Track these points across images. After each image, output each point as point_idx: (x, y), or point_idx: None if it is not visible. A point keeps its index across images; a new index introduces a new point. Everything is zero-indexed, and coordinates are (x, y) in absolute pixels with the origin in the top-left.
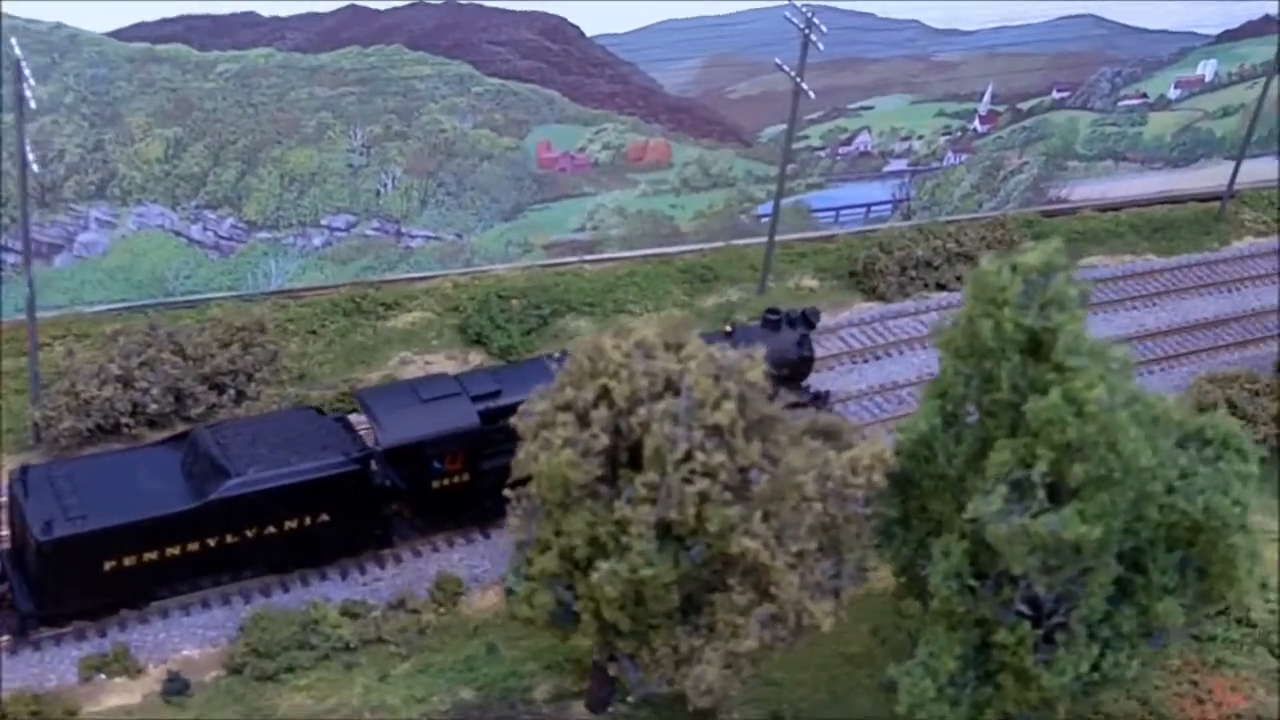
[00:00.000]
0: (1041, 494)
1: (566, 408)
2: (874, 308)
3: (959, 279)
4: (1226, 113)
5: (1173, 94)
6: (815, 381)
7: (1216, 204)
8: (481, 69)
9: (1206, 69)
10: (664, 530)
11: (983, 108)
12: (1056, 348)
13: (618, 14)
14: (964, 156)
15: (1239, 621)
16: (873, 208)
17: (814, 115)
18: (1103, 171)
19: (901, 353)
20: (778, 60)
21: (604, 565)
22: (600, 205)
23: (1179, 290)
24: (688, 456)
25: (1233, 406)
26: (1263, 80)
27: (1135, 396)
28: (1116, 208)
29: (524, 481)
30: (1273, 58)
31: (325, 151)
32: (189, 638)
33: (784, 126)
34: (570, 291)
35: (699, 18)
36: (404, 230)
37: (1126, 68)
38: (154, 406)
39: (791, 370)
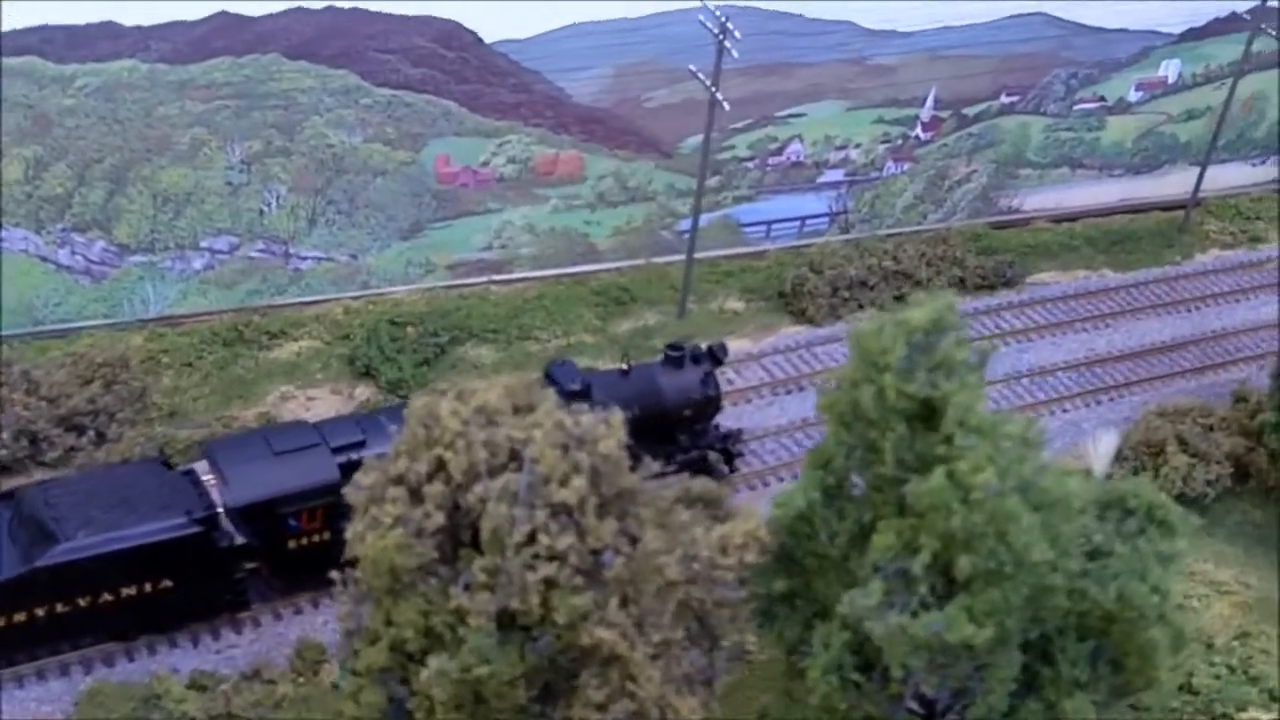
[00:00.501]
0: (924, 588)
1: (399, 481)
2: (802, 332)
3: (898, 299)
4: (1192, 116)
5: (1133, 96)
6: (732, 415)
7: (1180, 213)
8: (369, 79)
9: (1169, 70)
10: (508, 620)
11: (925, 114)
12: (945, 421)
13: (518, 19)
14: (906, 166)
15: (1180, 688)
16: (807, 221)
17: (740, 124)
18: (1058, 179)
19: (803, 389)
20: (692, 67)
21: (433, 663)
22: (508, 223)
23: (1134, 310)
24: (530, 539)
25: (1183, 443)
26: (1230, 81)
27: (1029, 483)
28: (1073, 218)
29: (355, 562)
30: (1239, 57)
31: (201, 169)
32: (21, 712)
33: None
34: (473, 317)
35: (608, 22)
36: (292, 251)
37: (1082, 69)
38: (3, 452)
39: (695, 411)
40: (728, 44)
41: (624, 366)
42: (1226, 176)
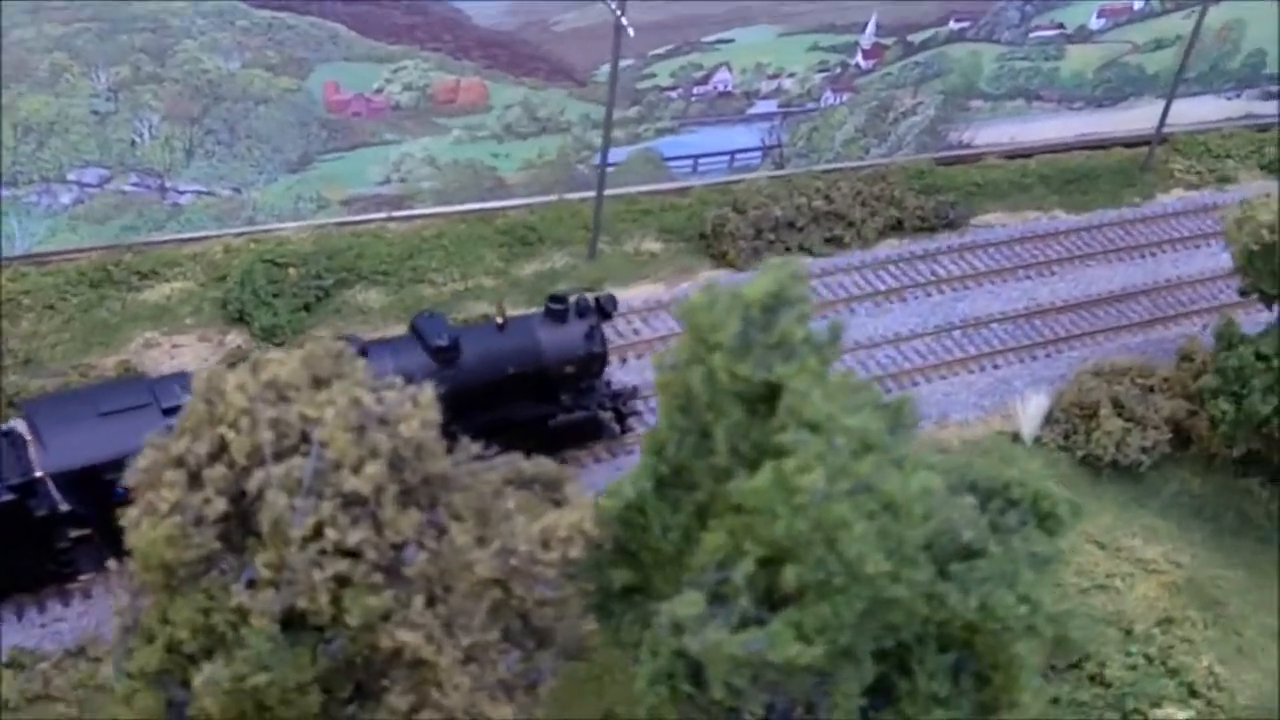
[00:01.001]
0: (745, 600)
1: (179, 463)
2: (722, 276)
3: (829, 241)
4: (1160, 45)
5: (1095, 24)
6: (635, 370)
7: (1145, 150)
8: (246, 0)
9: None
10: (297, 620)
11: (866, 41)
12: (779, 412)
13: None
14: (845, 96)
15: (1091, 679)
16: (738, 156)
17: (661, 50)
18: (1012, 112)
19: None
20: None
21: (206, 669)
22: (407, 155)
23: (1084, 256)
24: (317, 532)
25: (1118, 406)
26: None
27: (866, 484)
28: (1027, 154)
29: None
30: None
31: (64, 97)
32: None
33: (626, 63)
34: (364, 257)
35: None
36: (169, 185)
37: None
38: None
39: (579, 368)
40: None
41: (498, 319)
42: (1198, 111)
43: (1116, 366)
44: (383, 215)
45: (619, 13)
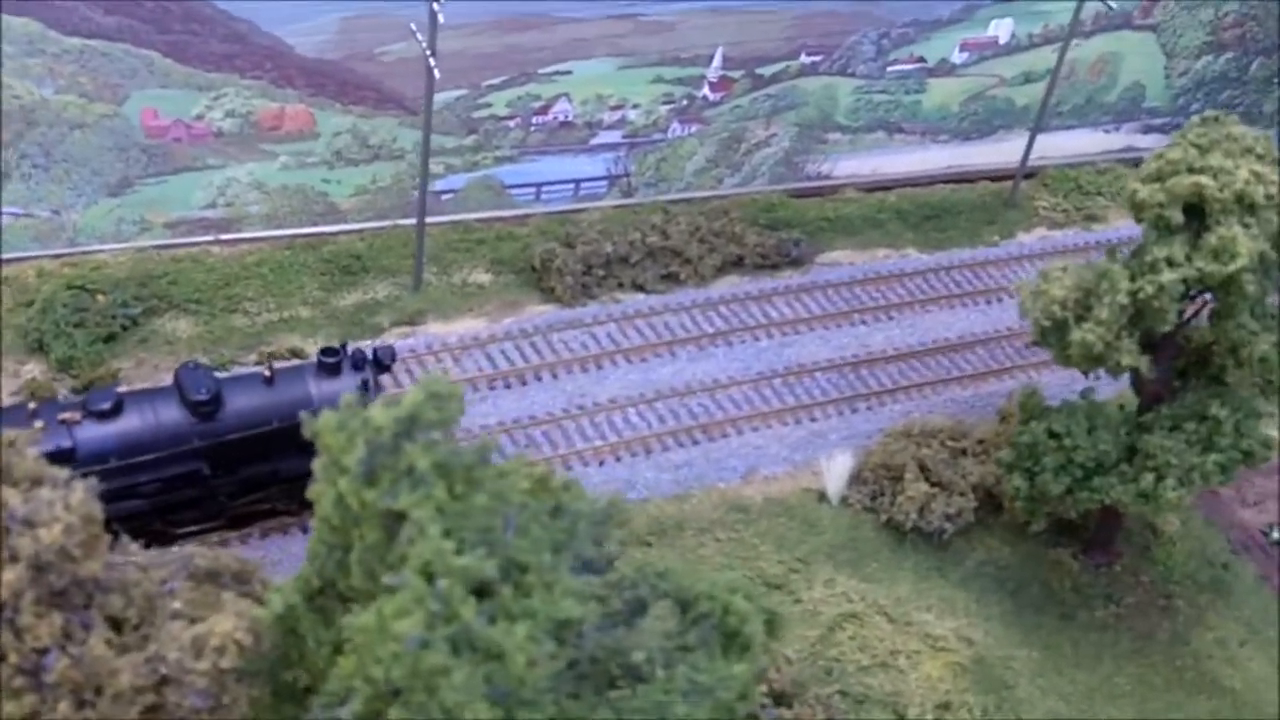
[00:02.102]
0: None
1: None
2: (548, 313)
3: (666, 277)
4: (1029, 79)
5: (958, 58)
6: None
7: (1011, 185)
8: (56, 28)
9: (1001, 29)
10: None
11: (712, 73)
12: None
13: None
14: (694, 128)
15: None
16: (583, 184)
17: (496, 80)
18: (873, 144)
19: (555, 376)
20: (412, 25)
21: None
22: (232, 179)
23: (926, 300)
24: None
25: (925, 470)
26: (1074, 42)
27: (469, 630)
28: (888, 187)
29: None
30: (1083, 17)
31: None
32: None
33: (459, 92)
34: (179, 284)
35: None
36: None
37: (894, 29)
38: None
39: None
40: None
41: (266, 372)
42: (1075, 144)
43: (927, 427)
44: (208, 239)
45: (428, 52)
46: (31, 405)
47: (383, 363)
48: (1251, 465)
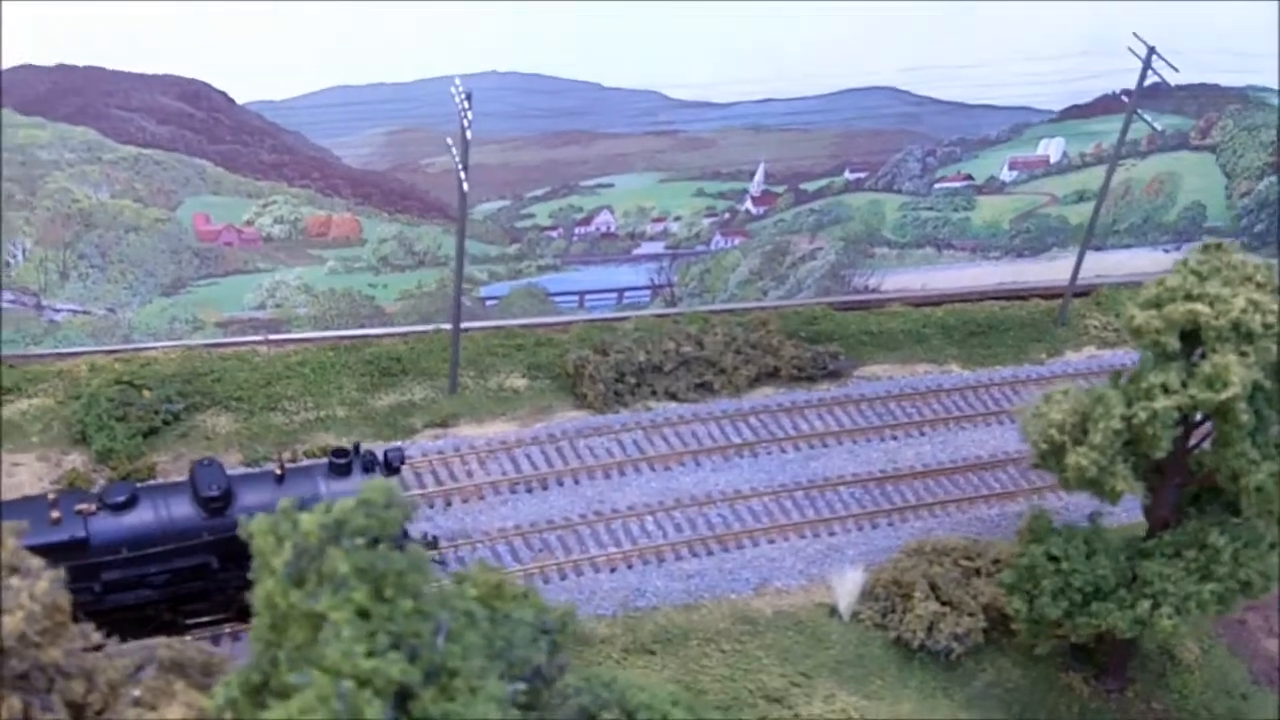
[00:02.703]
0: None
1: None
2: (579, 419)
3: (700, 386)
4: (1083, 198)
5: (1007, 176)
6: (460, 513)
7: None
8: (112, 136)
9: (1052, 148)
10: None
11: (755, 188)
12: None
13: (271, 81)
14: (737, 240)
15: None
16: (626, 293)
17: (539, 192)
18: (921, 260)
19: (577, 481)
20: (449, 140)
21: None
22: (281, 283)
23: (960, 418)
24: None
25: (935, 588)
26: (1127, 161)
27: None
28: (937, 302)
29: None
30: (1138, 137)
31: None
32: None
33: (502, 203)
34: (223, 381)
35: (371, 86)
36: (45, 303)
37: (941, 147)
38: None
39: None
40: (467, 121)
41: (277, 470)
42: (1134, 263)
43: (940, 545)
44: (257, 339)
45: (460, 166)
46: (51, 496)
47: (392, 465)
48: (1251, 596)
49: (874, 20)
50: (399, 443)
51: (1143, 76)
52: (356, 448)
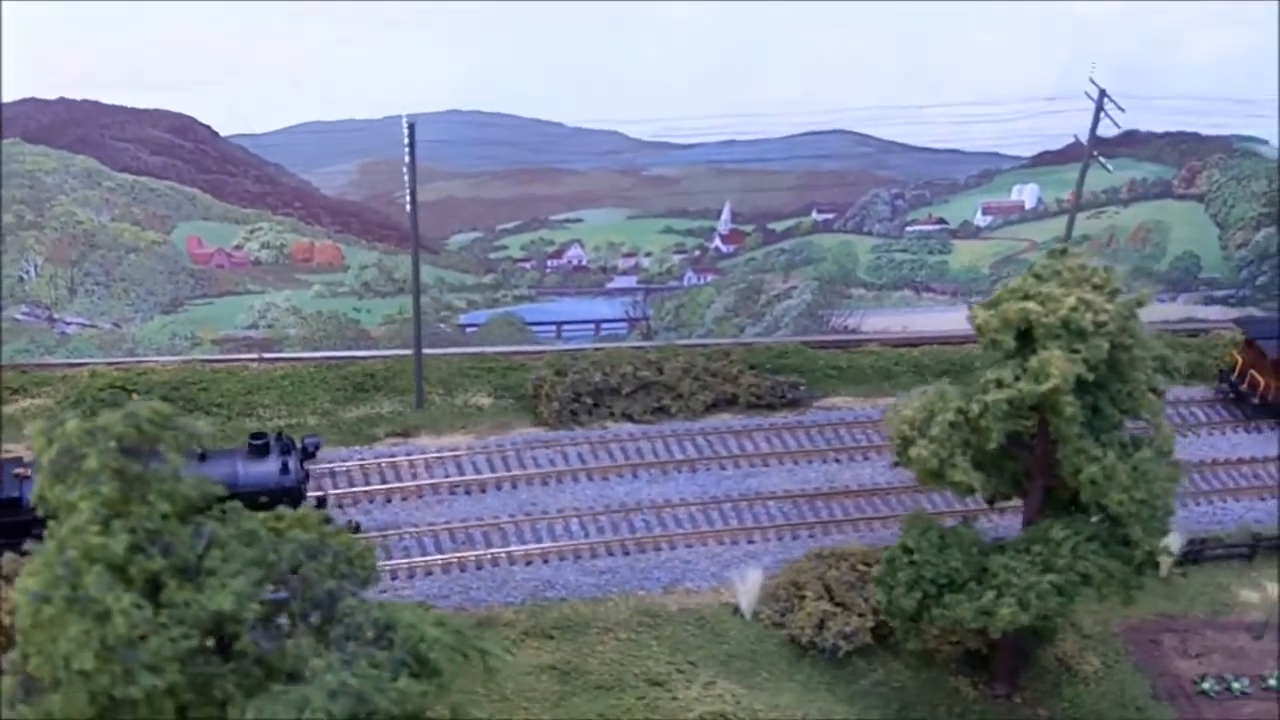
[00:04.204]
0: (12, 686)
1: None
2: (532, 434)
3: (657, 410)
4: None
5: (981, 220)
6: (399, 509)
7: None
8: (109, 164)
9: (1026, 194)
10: None
11: (722, 226)
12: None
13: (251, 114)
14: (709, 277)
15: None
16: (604, 325)
17: (509, 225)
18: (900, 302)
19: (515, 486)
20: (403, 168)
21: None
22: (270, 304)
23: None
24: None
25: (829, 590)
26: (1109, 209)
27: (84, 594)
28: (916, 343)
29: None
30: (1119, 184)
31: None
32: None
33: (475, 234)
34: (209, 390)
35: (344, 121)
36: (56, 316)
37: (909, 190)
38: None
39: (272, 499)
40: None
41: (199, 450)
42: None
43: (839, 551)
44: (251, 356)
45: (412, 200)
46: None
47: (308, 450)
48: (1090, 589)
49: (832, 65)
50: (315, 436)
51: (1096, 120)
52: (279, 434)
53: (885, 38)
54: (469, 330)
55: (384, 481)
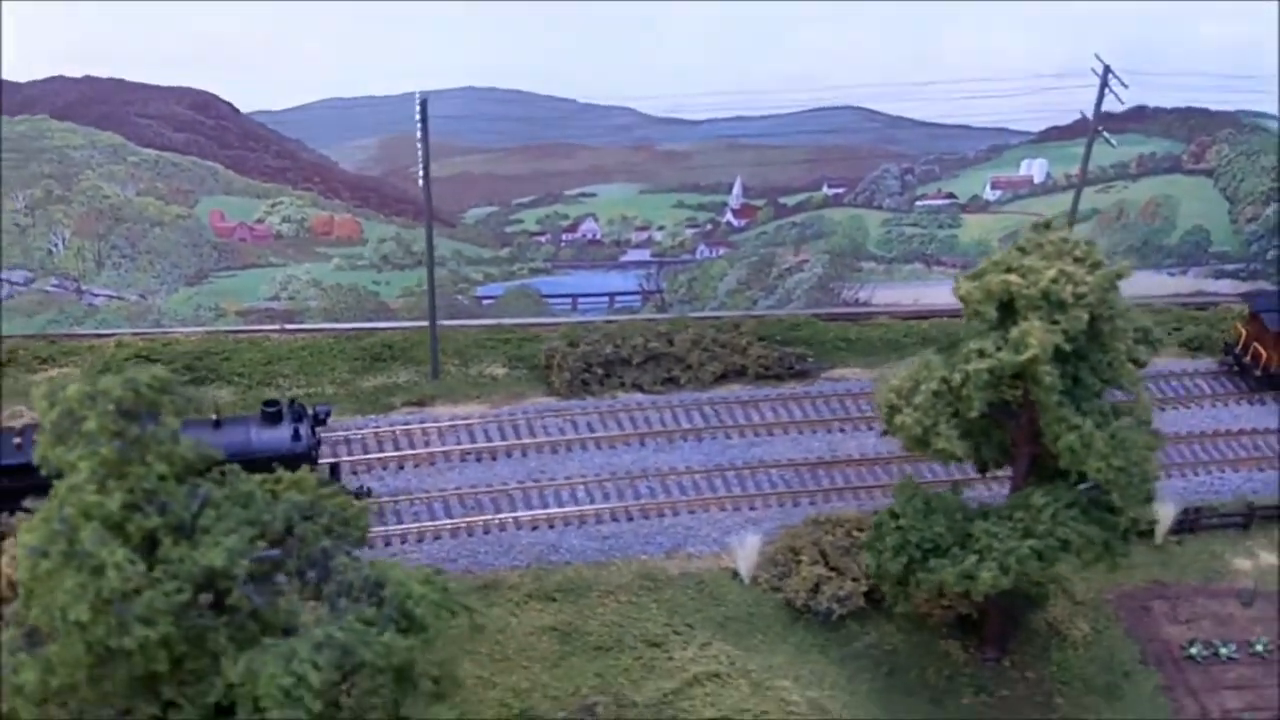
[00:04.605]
0: (13, 635)
1: None
2: (545, 403)
3: (667, 380)
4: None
5: (990, 195)
6: (409, 477)
7: None
8: (134, 140)
9: (1034, 169)
10: None
11: (734, 201)
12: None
13: (271, 91)
14: (721, 251)
15: None
16: (618, 298)
17: (525, 199)
18: (910, 275)
19: (524, 454)
20: (416, 141)
21: None
22: (292, 277)
23: None
24: None
25: (824, 555)
26: (1118, 184)
27: (81, 549)
28: (927, 316)
29: None
30: (1126, 159)
31: None
32: None
33: (491, 208)
34: (231, 360)
35: (363, 97)
36: (85, 288)
37: (918, 164)
38: None
39: (285, 464)
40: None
41: (214, 416)
42: (1138, 285)
43: (835, 517)
44: (273, 328)
45: (424, 176)
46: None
47: (319, 417)
48: (1070, 553)
49: (839, 42)
50: (326, 404)
51: (1100, 96)
52: (292, 402)
53: (892, 22)
54: (486, 302)
55: (397, 449)
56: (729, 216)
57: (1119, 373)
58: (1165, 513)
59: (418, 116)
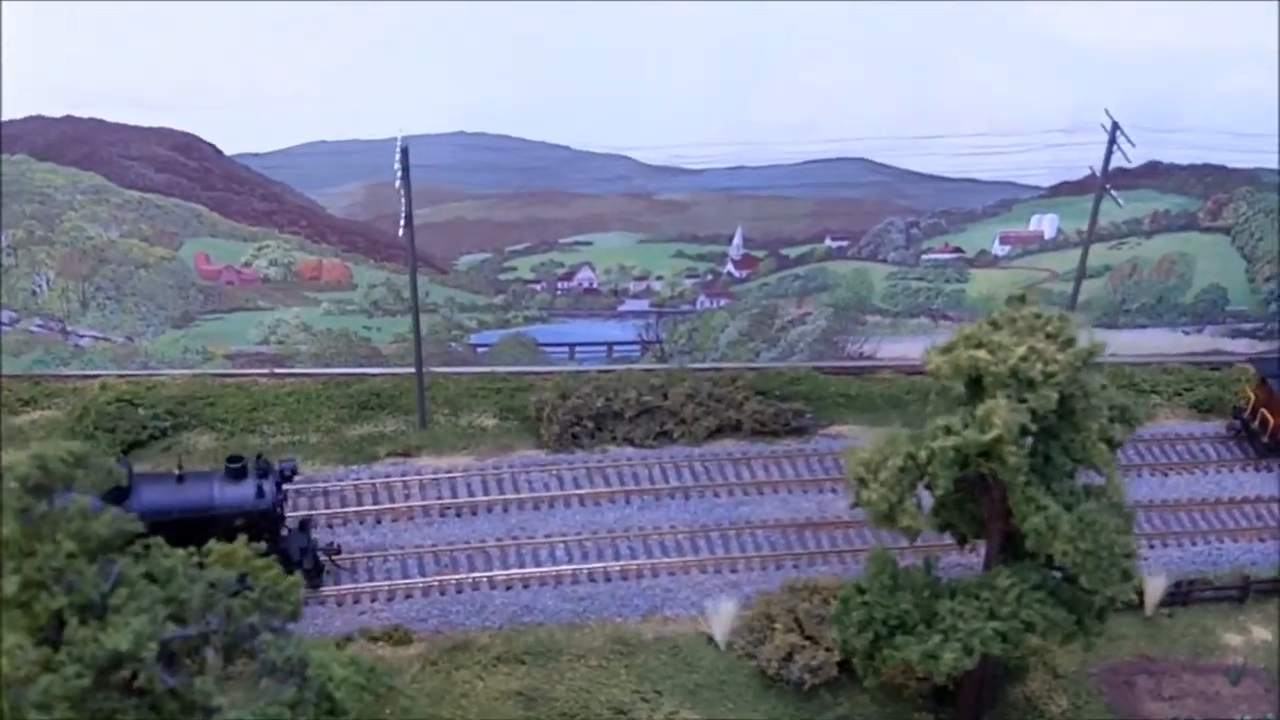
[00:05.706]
0: None
1: None
2: (533, 456)
3: (660, 434)
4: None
5: (999, 250)
6: (381, 531)
7: None
8: (116, 181)
9: (1045, 224)
10: None
11: (734, 251)
12: None
13: (256, 133)
14: (722, 302)
15: None
16: (617, 348)
17: (518, 247)
18: (916, 329)
19: (505, 510)
20: (396, 184)
21: None
22: (281, 320)
23: None
24: None
25: (798, 622)
26: (1131, 240)
27: None
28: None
29: None
30: (1140, 215)
31: None
32: None
33: (484, 255)
34: (216, 405)
35: (349, 141)
36: (70, 329)
37: (925, 218)
38: None
39: (249, 521)
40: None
41: (177, 472)
42: (1151, 342)
43: (812, 584)
44: (261, 371)
45: (407, 220)
46: None
47: (285, 473)
48: (1035, 636)
49: (837, 95)
50: (290, 459)
51: (1109, 153)
52: (258, 457)
53: (890, 70)
54: (480, 350)
55: (376, 502)
56: (730, 267)
57: (1091, 453)
58: (1156, 584)
59: (396, 164)
